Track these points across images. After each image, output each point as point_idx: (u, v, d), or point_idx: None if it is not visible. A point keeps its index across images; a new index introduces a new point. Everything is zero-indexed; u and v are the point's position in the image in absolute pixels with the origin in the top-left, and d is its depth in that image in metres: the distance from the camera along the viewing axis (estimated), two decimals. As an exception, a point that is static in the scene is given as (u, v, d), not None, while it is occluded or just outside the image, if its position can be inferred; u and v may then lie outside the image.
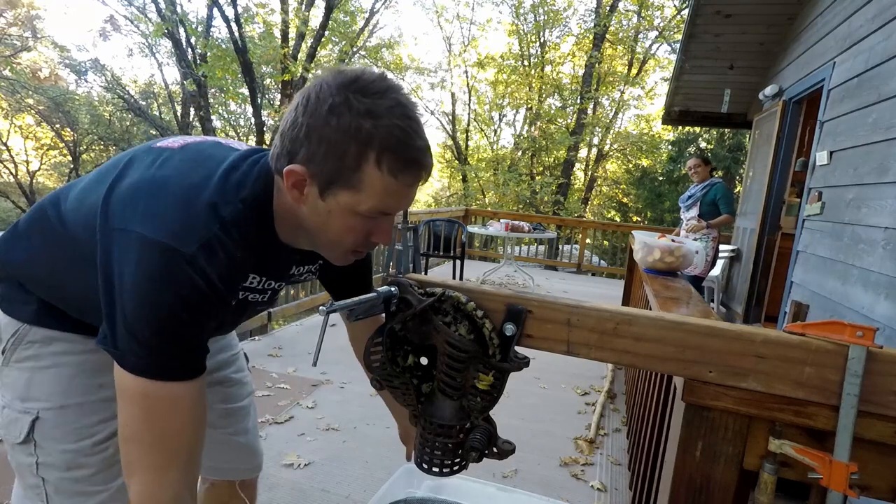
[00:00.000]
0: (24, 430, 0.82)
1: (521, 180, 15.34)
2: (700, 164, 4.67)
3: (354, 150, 0.65)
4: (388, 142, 0.66)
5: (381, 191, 0.68)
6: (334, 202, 0.69)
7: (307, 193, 0.70)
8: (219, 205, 0.70)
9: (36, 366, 0.83)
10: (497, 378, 0.73)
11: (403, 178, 0.68)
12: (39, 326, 0.83)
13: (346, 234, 0.73)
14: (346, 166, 0.66)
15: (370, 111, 0.65)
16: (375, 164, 0.66)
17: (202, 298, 0.67)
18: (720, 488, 0.70)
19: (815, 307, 3.19)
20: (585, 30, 16.14)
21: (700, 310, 1.60)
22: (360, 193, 0.68)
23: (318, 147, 0.66)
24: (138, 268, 0.64)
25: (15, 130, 17.32)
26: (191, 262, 0.65)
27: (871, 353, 0.61)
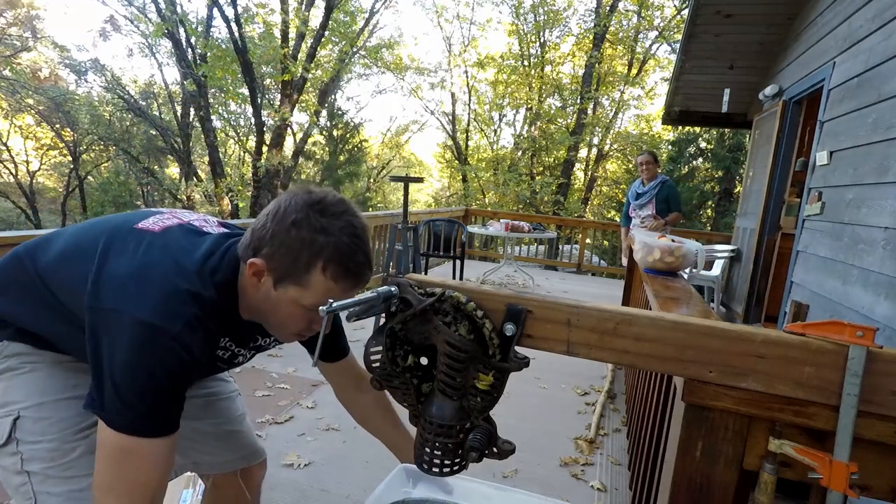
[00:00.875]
0: (6, 432, 0.88)
1: (521, 180, 15.34)
2: (652, 162, 4.69)
3: (306, 257, 0.82)
4: (334, 255, 0.82)
5: (323, 291, 0.83)
6: (284, 293, 0.84)
7: (263, 282, 0.85)
8: (198, 291, 0.83)
9: (12, 374, 0.91)
10: (497, 378, 0.73)
11: (342, 284, 0.84)
12: (15, 342, 0.92)
13: (289, 319, 0.88)
14: (297, 268, 0.82)
15: (324, 229, 0.82)
16: (321, 271, 0.82)
17: (184, 368, 0.79)
18: (720, 488, 0.70)
19: (815, 307, 3.19)
20: (585, 30, 16.14)
21: (700, 310, 1.60)
22: (305, 291, 0.83)
23: (279, 249, 0.82)
24: (131, 344, 0.75)
25: (15, 130, 17.32)
26: (176, 339, 0.77)
27: (871, 353, 0.61)
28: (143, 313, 0.76)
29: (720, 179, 12.95)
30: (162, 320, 0.76)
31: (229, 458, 1.19)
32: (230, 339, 0.93)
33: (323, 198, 0.84)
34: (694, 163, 13.40)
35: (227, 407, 1.21)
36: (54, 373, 0.93)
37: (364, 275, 0.86)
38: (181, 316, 0.78)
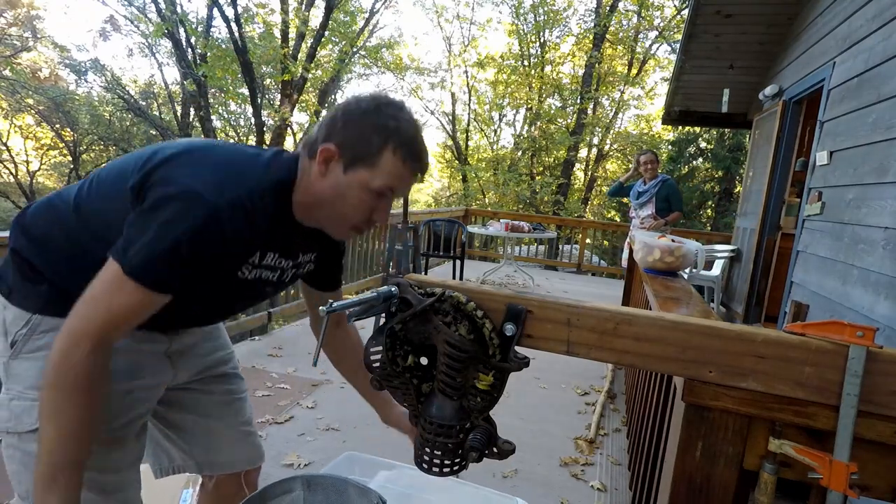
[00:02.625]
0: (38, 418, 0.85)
1: (521, 180, 15.34)
2: (655, 161, 4.69)
3: (378, 140, 0.87)
4: (404, 138, 0.88)
5: (392, 172, 0.88)
6: (353, 177, 0.88)
7: (332, 168, 0.88)
8: (251, 177, 0.85)
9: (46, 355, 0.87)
10: (497, 378, 0.73)
11: (410, 166, 0.90)
12: (51, 315, 0.89)
13: (354, 207, 0.90)
14: (369, 150, 0.87)
15: (394, 117, 0.89)
16: (392, 152, 0.87)
17: (212, 247, 0.80)
18: (720, 488, 0.70)
19: (815, 307, 3.19)
20: (585, 30, 16.14)
21: (700, 310, 1.60)
22: (375, 172, 0.87)
23: (351, 134, 0.87)
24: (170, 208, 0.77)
25: (15, 130, 17.31)
26: (216, 212, 0.79)
27: (871, 353, 0.61)
28: (190, 181, 0.80)
29: (720, 179, 12.95)
30: (204, 189, 0.79)
31: (241, 458, 1.20)
32: (275, 249, 0.93)
33: (387, 97, 0.92)
34: (694, 163, 13.39)
35: (243, 407, 1.22)
36: None
37: (426, 162, 0.93)
38: (228, 192, 0.80)
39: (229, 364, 1.21)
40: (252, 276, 0.93)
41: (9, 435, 0.88)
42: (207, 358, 1.14)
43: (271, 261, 0.94)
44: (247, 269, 0.91)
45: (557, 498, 2.05)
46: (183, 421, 1.13)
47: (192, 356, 1.11)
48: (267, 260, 0.93)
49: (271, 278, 0.97)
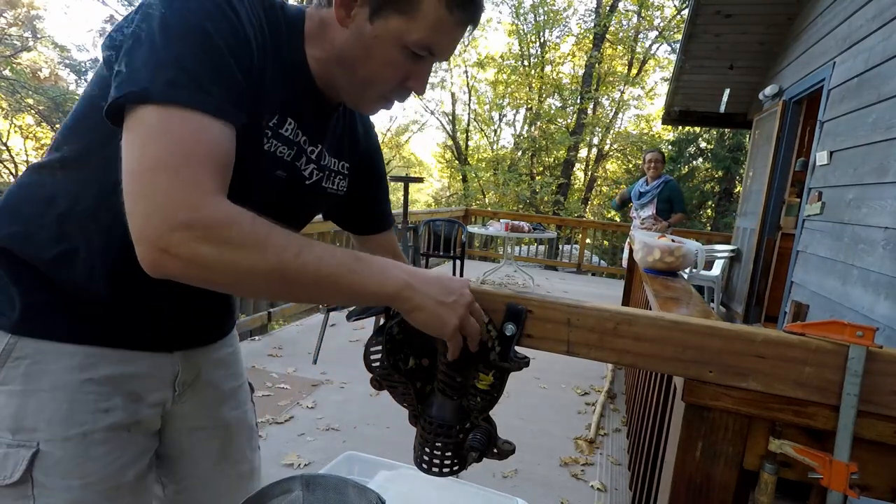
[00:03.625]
0: (22, 468, 0.67)
1: (521, 180, 15.34)
2: (660, 160, 4.69)
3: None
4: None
5: (434, 23, 0.66)
6: (383, 27, 0.66)
7: (355, 15, 0.67)
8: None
9: (28, 388, 0.69)
10: (497, 378, 0.73)
11: (458, 15, 0.67)
12: (29, 337, 0.69)
13: (385, 68, 0.70)
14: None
15: None
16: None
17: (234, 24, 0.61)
18: (720, 488, 0.70)
19: (815, 307, 3.19)
20: (585, 30, 16.15)
21: (700, 310, 1.60)
22: (412, 21, 0.66)
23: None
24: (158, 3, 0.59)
25: (15, 130, 17.32)
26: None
27: (871, 352, 0.61)
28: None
29: (720, 179, 12.95)
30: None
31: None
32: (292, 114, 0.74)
33: None
34: (694, 163, 13.40)
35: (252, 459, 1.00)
36: (80, 395, 0.71)
37: (481, 7, 0.71)
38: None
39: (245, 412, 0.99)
40: (270, 147, 0.72)
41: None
42: (218, 395, 0.93)
43: (289, 131, 0.74)
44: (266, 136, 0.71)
45: (557, 498, 2.05)
46: (178, 469, 0.90)
47: (203, 389, 0.90)
48: (286, 129, 0.73)
49: (286, 156, 0.75)
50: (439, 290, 0.64)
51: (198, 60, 0.57)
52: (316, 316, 4.29)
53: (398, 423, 2.43)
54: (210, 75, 0.57)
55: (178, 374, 0.83)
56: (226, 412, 0.94)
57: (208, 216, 0.54)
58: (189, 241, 0.53)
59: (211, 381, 0.90)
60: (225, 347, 0.95)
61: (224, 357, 0.94)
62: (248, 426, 1.00)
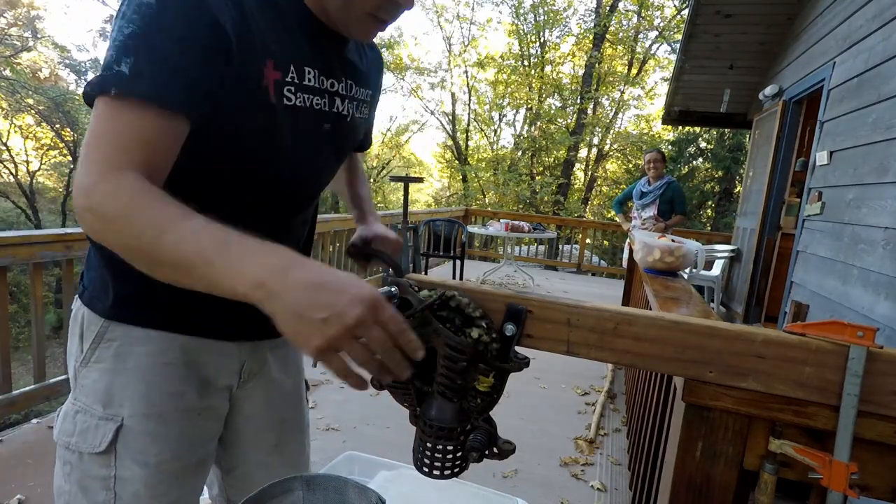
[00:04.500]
0: (108, 439, 0.75)
1: (521, 180, 15.35)
2: (660, 160, 4.67)
3: None
4: None
5: None
6: None
7: None
8: None
9: (117, 367, 0.76)
10: (497, 379, 0.73)
11: None
12: (118, 322, 0.77)
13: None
14: None
15: None
16: None
17: (187, 7, 0.59)
18: (720, 488, 0.70)
19: (816, 307, 3.19)
20: (585, 30, 16.15)
21: (700, 310, 1.60)
22: None
23: None
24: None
25: (15, 130, 17.32)
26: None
27: (872, 353, 0.61)
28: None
29: (720, 179, 12.96)
30: None
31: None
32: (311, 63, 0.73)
33: None
34: (694, 163, 13.41)
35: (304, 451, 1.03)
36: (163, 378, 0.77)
37: None
38: None
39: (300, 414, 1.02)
40: (300, 101, 0.73)
41: (68, 451, 0.76)
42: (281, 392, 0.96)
43: (314, 80, 0.74)
44: (290, 92, 0.71)
45: (557, 498, 2.05)
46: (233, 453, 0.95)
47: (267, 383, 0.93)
48: (308, 78, 0.73)
49: (325, 107, 0.77)
50: (307, 301, 0.51)
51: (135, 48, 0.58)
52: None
53: (398, 423, 2.43)
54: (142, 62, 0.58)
55: (245, 363, 0.87)
56: (285, 407, 0.98)
57: (98, 190, 0.57)
58: (84, 209, 0.58)
59: (275, 376, 0.94)
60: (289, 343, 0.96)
61: (288, 353, 0.98)
62: (305, 423, 1.04)
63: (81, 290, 0.81)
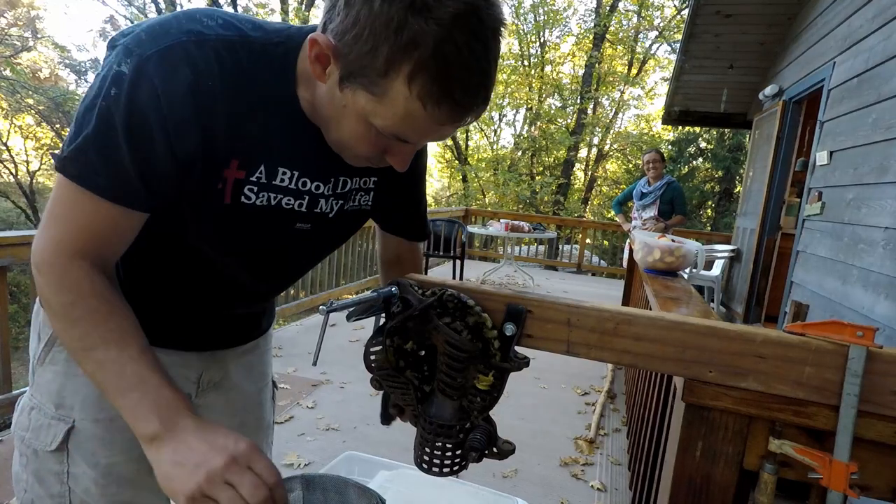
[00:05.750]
0: (59, 439, 0.76)
1: (521, 180, 15.35)
2: (659, 160, 4.66)
3: (387, 52, 0.51)
4: (431, 60, 0.51)
5: (403, 114, 0.55)
6: (351, 99, 0.58)
7: (329, 73, 0.58)
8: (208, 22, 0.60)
9: (69, 371, 0.77)
10: (497, 378, 0.73)
11: (434, 113, 0.54)
12: None
13: (357, 141, 0.62)
14: (373, 66, 0.53)
15: (427, 7, 0.49)
16: (406, 80, 0.52)
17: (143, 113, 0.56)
18: (720, 488, 0.70)
19: (816, 307, 3.19)
20: (585, 30, 16.15)
21: (700, 310, 1.60)
22: (378, 104, 0.56)
23: (352, 26, 0.52)
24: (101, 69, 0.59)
25: (15, 130, 17.32)
26: (141, 66, 0.56)
27: (872, 353, 0.61)
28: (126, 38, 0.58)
29: (720, 179, 12.96)
30: (136, 44, 0.57)
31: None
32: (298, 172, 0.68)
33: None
34: (694, 163, 13.41)
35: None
36: None
37: (472, 107, 0.56)
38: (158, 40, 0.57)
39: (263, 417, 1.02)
40: (263, 200, 0.68)
41: (24, 444, 0.78)
42: (242, 399, 0.95)
43: (288, 180, 0.68)
44: (251, 191, 0.67)
45: (557, 498, 2.05)
46: None
47: (227, 392, 0.92)
48: (281, 178, 0.67)
49: (297, 207, 0.71)
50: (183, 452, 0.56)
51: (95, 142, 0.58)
52: (316, 316, 4.30)
53: (398, 423, 2.42)
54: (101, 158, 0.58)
55: (203, 373, 0.87)
56: (246, 412, 0.97)
57: (46, 275, 0.61)
58: (36, 278, 0.62)
59: (237, 383, 0.93)
60: (256, 348, 0.97)
61: (253, 360, 0.97)
62: (266, 425, 1.04)
63: None
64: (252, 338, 0.95)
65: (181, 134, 0.59)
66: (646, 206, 4.71)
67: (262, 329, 0.98)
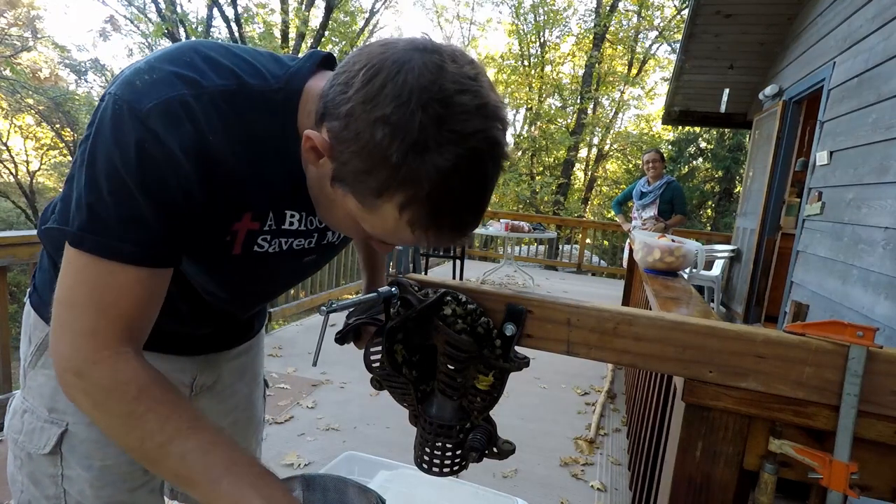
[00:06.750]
0: (52, 442, 0.75)
1: (521, 180, 15.34)
2: (658, 160, 4.66)
3: (383, 179, 0.51)
4: (428, 200, 0.51)
5: (392, 230, 0.56)
6: (341, 198, 0.58)
7: (321, 164, 0.57)
8: (202, 67, 0.57)
9: None
10: (497, 378, 0.73)
11: (421, 236, 0.55)
12: None
13: (343, 226, 0.64)
14: (366, 185, 0.53)
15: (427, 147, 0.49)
16: (396, 208, 0.53)
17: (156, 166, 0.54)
18: (720, 488, 0.70)
19: (816, 307, 3.19)
20: (585, 30, 16.15)
21: (700, 310, 1.60)
22: (368, 215, 0.56)
23: (352, 141, 0.52)
24: (95, 126, 0.55)
25: (15, 130, 17.32)
26: (142, 120, 0.53)
27: (872, 353, 0.61)
28: (119, 89, 0.55)
29: (720, 179, 12.96)
30: (132, 95, 0.54)
31: None
32: (295, 206, 0.68)
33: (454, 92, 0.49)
34: (694, 163, 13.41)
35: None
36: None
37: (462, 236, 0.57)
38: (155, 93, 0.54)
39: (255, 414, 1.03)
40: (275, 247, 0.69)
41: (17, 447, 0.78)
42: (234, 400, 0.96)
43: (297, 223, 0.69)
44: (264, 240, 0.67)
45: (557, 498, 2.05)
46: None
47: (220, 394, 0.93)
48: (289, 222, 0.68)
49: (307, 245, 0.73)
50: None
51: (110, 207, 0.54)
52: (315, 316, 4.30)
53: (398, 423, 2.43)
54: (121, 223, 0.54)
55: (196, 377, 0.87)
56: (238, 411, 0.98)
57: (94, 376, 0.55)
58: (75, 387, 0.56)
59: (230, 385, 0.94)
60: (249, 350, 0.99)
61: (246, 361, 0.98)
62: (257, 421, 1.05)
63: (32, 289, 0.79)
64: (245, 339, 0.96)
65: (191, 189, 0.57)
66: (645, 206, 4.71)
67: (255, 330, 0.99)
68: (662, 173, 4.67)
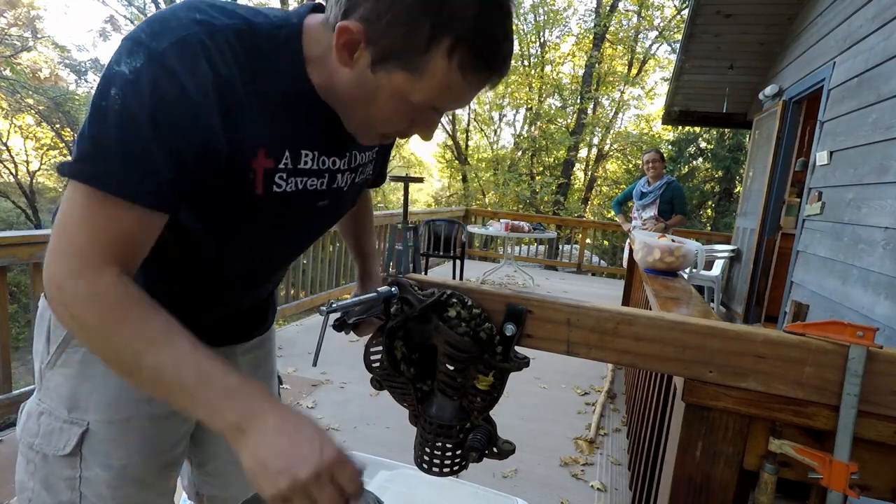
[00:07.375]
0: (73, 443, 0.75)
1: (521, 180, 15.34)
2: (658, 160, 4.65)
3: (428, 29, 0.55)
4: (470, 32, 0.56)
5: (443, 85, 0.59)
6: (386, 79, 0.60)
7: (357, 58, 0.59)
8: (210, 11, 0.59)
9: (84, 373, 0.75)
10: (497, 378, 0.73)
11: (471, 79, 0.60)
12: None
13: (388, 117, 0.64)
14: (412, 45, 0.56)
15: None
16: (446, 54, 0.57)
17: (168, 104, 0.55)
18: (720, 488, 0.70)
19: (816, 307, 3.19)
20: (585, 30, 16.15)
21: (700, 310, 1.60)
22: (418, 81, 0.59)
23: (386, 11, 0.56)
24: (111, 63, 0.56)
25: (15, 130, 17.31)
26: (159, 59, 0.55)
27: (872, 353, 0.61)
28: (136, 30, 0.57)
29: (720, 179, 12.96)
30: (148, 35, 0.56)
31: (244, 493, 1.01)
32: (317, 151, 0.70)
33: None
34: (694, 163, 13.40)
35: None
36: (127, 384, 0.75)
37: (503, 70, 0.62)
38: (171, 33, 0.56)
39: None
40: (291, 186, 0.69)
41: (31, 450, 0.76)
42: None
43: (311, 162, 0.70)
44: (281, 179, 0.67)
45: (557, 498, 2.05)
46: (204, 449, 0.97)
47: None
48: (304, 161, 0.69)
49: (321, 186, 0.73)
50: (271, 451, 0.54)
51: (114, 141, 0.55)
52: (315, 316, 4.29)
53: (398, 423, 2.43)
54: (122, 158, 0.55)
55: None
56: None
57: (73, 288, 0.56)
58: (55, 300, 0.58)
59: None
60: (262, 345, 1.02)
61: (259, 356, 1.01)
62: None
63: None
64: (259, 331, 0.98)
65: (210, 126, 0.58)
66: (645, 206, 4.71)
67: (268, 323, 1.02)
68: (662, 173, 4.67)
